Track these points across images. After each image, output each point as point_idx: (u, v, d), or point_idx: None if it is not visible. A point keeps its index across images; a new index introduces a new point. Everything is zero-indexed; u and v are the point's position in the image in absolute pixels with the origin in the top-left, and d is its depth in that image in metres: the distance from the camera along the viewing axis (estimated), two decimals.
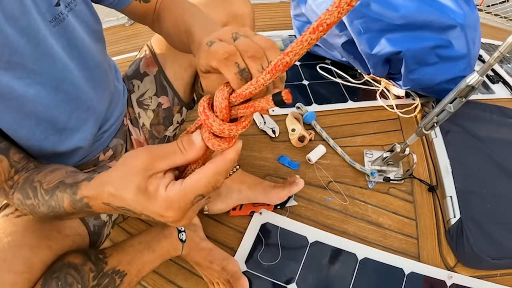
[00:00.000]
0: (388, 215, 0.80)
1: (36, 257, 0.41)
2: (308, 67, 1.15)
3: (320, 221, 0.78)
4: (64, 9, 0.42)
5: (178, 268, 0.69)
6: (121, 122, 0.61)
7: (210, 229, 0.74)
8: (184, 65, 0.62)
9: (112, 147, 0.60)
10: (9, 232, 0.42)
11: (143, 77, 0.63)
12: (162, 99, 0.63)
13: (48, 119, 0.45)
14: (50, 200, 0.39)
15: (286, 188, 0.75)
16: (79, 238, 0.49)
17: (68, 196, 0.36)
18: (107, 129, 0.57)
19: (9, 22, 0.36)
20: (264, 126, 0.93)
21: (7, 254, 0.40)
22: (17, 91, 0.39)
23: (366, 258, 0.72)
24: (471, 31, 0.90)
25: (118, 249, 0.52)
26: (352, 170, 0.87)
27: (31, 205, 0.40)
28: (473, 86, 0.65)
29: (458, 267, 0.74)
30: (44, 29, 0.40)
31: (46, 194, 0.39)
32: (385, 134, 0.97)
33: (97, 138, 0.55)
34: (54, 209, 0.39)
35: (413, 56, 0.89)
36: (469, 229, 0.75)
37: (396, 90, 1.04)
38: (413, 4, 0.88)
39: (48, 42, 0.41)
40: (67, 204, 0.37)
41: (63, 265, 0.42)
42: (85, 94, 0.48)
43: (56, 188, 0.39)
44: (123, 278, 0.49)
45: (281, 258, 0.71)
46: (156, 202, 0.27)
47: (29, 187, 0.41)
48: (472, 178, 0.86)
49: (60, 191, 0.38)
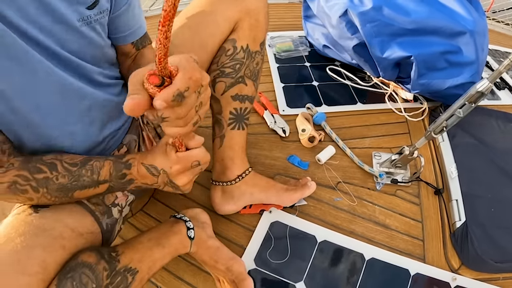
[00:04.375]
0: (395, 216, 0.81)
1: (50, 257, 0.41)
2: (317, 68, 1.16)
3: (328, 221, 0.79)
4: (94, 15, 0.44)
5: (186, 264, 0.70)
6: (132, 117, 0.61)
7: (219, 226, 0.75)
8: None
9: (126, 143, 0.60)
10: (21, 232, 0.42)
11: None
12: None
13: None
14: (79, 170, 0.44)
15: (299, 191, 0.76)
16: (92, 236, 0.50)
17: (111, 162, 0.46)
18: (121, 125, 0.57)
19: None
20: (275, 125, 0.94)
21: (21, 255, 0.39)
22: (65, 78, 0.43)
23: (373, 258, 0.74)
24: (480, 38, 0.91)
25: (129, 247, 0.53)
26: (360, 172, 0.88)
27: (44, 179, 0.42)
28: (483, 92, 0.66)
29: (462, 269, 0.75)
30: (72, 23, 0.42)
31: (72, 166, 0.45)
32: (393, 137, 0.98)
33: (112, 135, 0.56)
34: (81, 177, 0.44)
35: (423, 61, 0.90)
36: (474, 233, 0.77)
37: (404, 93, 1.06)
38: (424, 9, 0.89)
39: (75, 34, 0.43)
40: (106, 171, 0.46)
41: (77, 265, 0.42)
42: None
43: (88, 160, 0.46)
44: (134, 275, 0.49)
45: (290, 257, 0.72)
46: (171, 158, 0.44)
47: (40, 163, 0.43)
48: (478, 182, 0.87)
49: (97, 161, 0.46)
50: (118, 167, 0.46)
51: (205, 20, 0.60)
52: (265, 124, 0.96)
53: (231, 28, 0.61)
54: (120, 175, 0.47)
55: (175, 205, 0.80)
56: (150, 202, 0.80)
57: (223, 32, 0.60)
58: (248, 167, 0.73)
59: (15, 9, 0.36)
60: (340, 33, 0.99)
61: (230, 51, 0.61)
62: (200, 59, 0.62)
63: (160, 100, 0.30)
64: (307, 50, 1.22)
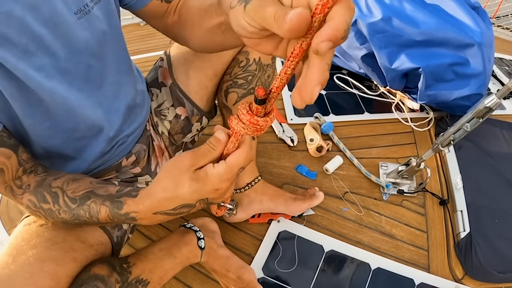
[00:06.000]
0: (400, 226, 0.83)
1: (62, 270, 0.41)
2: None
3: (335, 231, 0.80)
4: (91, 1, 0.40)
5: (195, 272, 0.71)
6: (144, 127, 0.61)
7: (228, 235, 0.76)
8: (209, 74, 0.62)
9: (135, 152, 0.60)
10: (33, 244, 0.42)
11: (160, 86, 0.63)
12: (179, 110, 0.63)
13: (69, 111, 0.43)
14: (77, 209, 0.39)
15: (307, 201, 0.77)
16: (102, 247, 0.50)
17: (108, 209, 0.38)
18: (130, 133, 0.57)
19: (31, 12, 0.35)
20: (283, 134, 0.94)
21: (33, 269, 0.40)
22: (34, 79, 0.37)
23: (379, 268, 0.75)
24: (487, 49, 0.92)
25: (141, 258, 0.53)
26: (367, 182, 0.89)
27: (49, 210, 0.40)
28: (491, 107, 0.67)
29: (465, 279, 0.77)
30: (68, 20, 0.38)
31: (72, 202, 0.40)
32: (400, 147, 0.99)
33: (121, 142, 0.55)
34: (81, 218, 0.40)
35: (431, 73, 0.91)
36: (478, 243, 0.78)
37: (411, 103, 1.06)
38: (433, 21, 0.90)
39: (72, 34, 0.39)
40: (104, 216, 0.39)
41: (90, 277, 0.43)
42: (107, 88, 0.47)
43: (86, 198, 0.39)
44: (146, 286, 0.50)
45: (297, 266, 0.73)
46: (210, 180, 0.33)
47: (46, 191, 0.40)
48: (482, 193, 0.88)
49: (94, 203, 0.39)
50: (118, 217, 0.38)
51: None
52: (274, 133, 0.96)
53: None
54: (126, 222, 0.39)
55: None
56: None
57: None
58: (258, 175, 0.74)
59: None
60: (348, 42, 1.00)
61: (243, 62, 0.62)
62: (215, 68, 0.62)
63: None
64: None
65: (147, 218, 0.37)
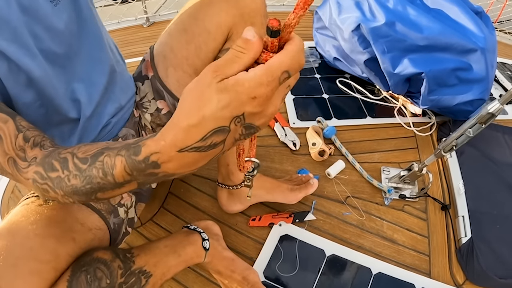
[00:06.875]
0: (402, 231, 0.83)
1: (62, 248, 0.41)
2: (327, 80, 1.17)
3: (337, 235, 0.80)
4: None
5: (196, 275, 0.71)
6: (130, 112, 0.61)
7: (230, 238, 0.77)
8: (189, 71, 0.59)
9: (122, 136, 0.58)
10: (33, 220, 0.41)
11: (143, 79, 0.62)
12: (160, 104, 0.62)
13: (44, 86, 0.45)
14: (89, 168, 0.33)
15: (303, 190, 0.79)
16: (100, 233, 0.49)
17: (124, 159, 0.30)
18: (112, 113, 0.55)
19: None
20: (285, 138, 0.95)
21: (33, 243, 0.39)
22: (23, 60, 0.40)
23: (380, 273, 0.75)
24: (490, 55, 0.92)
25: (145, 250, 0.53)
26: (369, 186, 0.89)
27: (57, 178, 0.35)
28: (493, 113, 0.68)
29: (466, 284, 0.77)
30: (44, 8, 0.41)
31: (83, 163, 0.34)
32: (402, 152, 0.99)
33: (105, 123, 0.55)
34: (94, 179, 0.33)
35: (434, 78, 0.91)
36: (479, 249, 0.78)
37: (413, 107, 1.06)
38: (436, 26, 0.90)
39: (48, 20, 0.42)
40: (120, 170, 0.31)
41: (92, 260, 0.42)
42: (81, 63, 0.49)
43: (99, 154, 0.33)
44: (148, 279, 0.49)
45: (299, 270, 0.74)
46: (244, 85, 0.24)
47: (55, 159, 0.35)
48: (484, 199, 0.88)
49: (108, 156, 0.32)
50: (137, 166, 0.30)
51: (197, 27, 0.56)
52: (276, 136, 0.97)
53: (225, 35, 0.56)
54: (147, 174, 0.30)
55: (186, 216, 0.81)
56: (160, 212, 0.81)
57: (215, 39, 0.56)
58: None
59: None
60: (352, 47, 1.00)
61: None
62: (195, 66, 0.59)
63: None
64: (317, 61, 1.23)
65: (173, 161, 0.28)
